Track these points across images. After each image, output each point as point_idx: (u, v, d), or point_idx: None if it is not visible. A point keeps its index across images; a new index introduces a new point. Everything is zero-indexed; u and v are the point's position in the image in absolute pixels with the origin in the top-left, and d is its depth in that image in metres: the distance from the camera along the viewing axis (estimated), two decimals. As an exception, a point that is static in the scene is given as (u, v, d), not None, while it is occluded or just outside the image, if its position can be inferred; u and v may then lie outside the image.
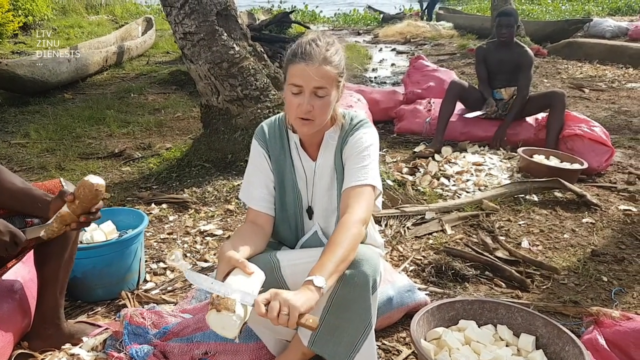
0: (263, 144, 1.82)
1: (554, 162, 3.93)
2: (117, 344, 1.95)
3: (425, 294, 2.34)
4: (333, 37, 1.70)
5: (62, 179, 1.89)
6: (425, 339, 1.91)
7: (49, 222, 1.65)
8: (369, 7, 18.62)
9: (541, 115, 4.52)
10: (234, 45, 3.88)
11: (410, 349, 2.05)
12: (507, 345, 1.89)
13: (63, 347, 1.98)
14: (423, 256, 2.80)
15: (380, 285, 2.08)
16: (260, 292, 1.43)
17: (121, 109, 5.88)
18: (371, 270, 1.55)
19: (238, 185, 3.51)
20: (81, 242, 2.33)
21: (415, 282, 2.51)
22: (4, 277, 1.93)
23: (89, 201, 1.63)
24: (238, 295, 1.36)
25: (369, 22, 15.58)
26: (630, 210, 3.33)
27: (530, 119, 4.57)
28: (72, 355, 1.93)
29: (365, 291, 1.54)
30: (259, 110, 3.89)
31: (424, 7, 15.20)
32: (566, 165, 3.87)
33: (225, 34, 3.86)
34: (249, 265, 1.47)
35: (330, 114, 1.69)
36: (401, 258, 2.79)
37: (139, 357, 1.84)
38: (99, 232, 2.41)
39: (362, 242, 1.62)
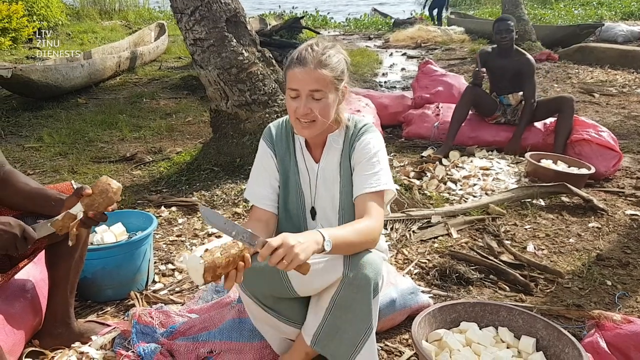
0: (270, 144, 1.87)
1: (561, 166, 3.94)
2: (126, 343, 2.00)
3: (429, 297, 2.37)
4: (334, 42, 1.74)
5: (72, 181, 1.95)
6: (426, 341, 1.93)
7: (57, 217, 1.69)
8: (375, 9, 18.69)
9: (550, 120, 4.53)
10: (243, 51, 3.94)
11: (412, 350, 2.08)
12: (507, 347, 1.92)
13: (73, 345, 2.04)
14: (428, 259, 2.83)
15: (384, 288, 2.12)
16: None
17: (133, 114, 5.97)
18: (373, 273, 1.58)
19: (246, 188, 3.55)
20: (91, 244, 2.39)
21: (419, 285, 2.53)
22: (16, 276, 1.99)
23: (103, 200, 1.66)
24: (247, 235, 1.42)
25: (380, 27, 15.60)
26: (637, 215, 3.33)
27: (538, 124, 4.58)
28: (82, 353, 1.98)
29: (366, 294, 1.58)
30: (267, 115, 3.94)
31: (432, 12, 15.17)
32: (574, 170, 3.88)
33: (235, 40, 3.92)
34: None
35: (333, 116, 1.73)
36: (406, 261, 2.82)
37: (147, 355, 1.89)
38: (109, 234, 2.46)
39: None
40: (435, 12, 15.00)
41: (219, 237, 3.00)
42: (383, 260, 2.04)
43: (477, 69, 4.48)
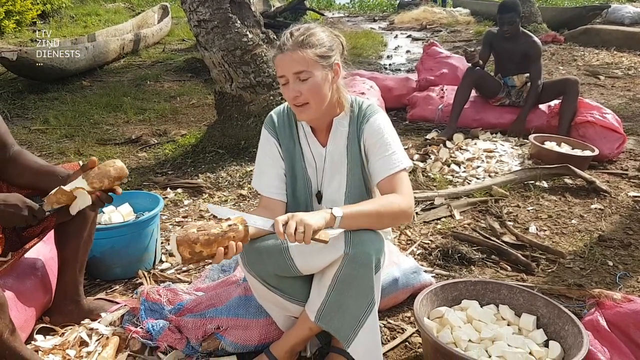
0: (273, 132, 1.89)
1: (565, 149, 3.95)
2: (134, 319, 2.04)
3: (431, 276, 2.40)
4: (317, 25, 1.76)
5: (80, 162, 1.98)
6: (428, 318, 1.97)
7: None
8: None
9: (554, 103, 4.52)
10: (247, 33, 3.94)
11: (414, 327, 2.12)
12: (508, 325, 1.95)
13: (83, 322, 2.08)
14: (431, 240, 2.86)
15: (387, 267, 2.16)
16: None
17: (137, 96, 5.99)
18: (374, 250, 1.61)
19: (251, 170, 3.58)
20: (100, 224, 2.43)
21: (422, 265, 2.57)
22: (27, 255, 2.03)
23: (107, 178, 1.72)
24: (259, 220, 1.51)
25: (385, 8, 15.49)
26: (639, 196, 3.35)
27: (543, 106, 4.57)
28: (92, 329, 2.02)
29: (368, 270, 1.61)
30: (271, 97, 3.95)
31: None
32: (577, 152, 3.88)
33: (239, 22, 3.92)
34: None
35: (328, 95, 1.74)
36: (409, 242, 2.85)
37: (155, 331, 1.93)
38: (117, 214, 2.50)
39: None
40: None
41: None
42: (385, 239, 2.07)
43: (470, 49, 4.43)
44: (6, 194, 1.64)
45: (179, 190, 3.49)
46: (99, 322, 2.07)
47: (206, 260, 1.51)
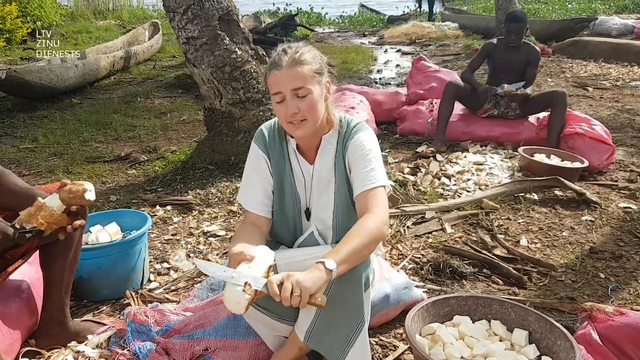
0: (263, 147, 1.88)
1: (555, 160, 3.96)
2: (121, 341, 2.01)
3: (423, 291, 2.38)
4: (306, 44, 1.77)
5: (67, 181, 1.95)
6: (420, 335, 1.95)
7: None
8: (362, 5, 18.72)
9: (543, 115, 4.55)
10: (236, 49, 3.94)
11: (406, 344, 2.10)
12: (500, 340, 1.93)
13: (69, 344, 2.04)
14: (422, 254, 2.84)
15: (378, 283, 2.14)
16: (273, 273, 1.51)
17: (128, 113, 5.97)
18: (363, 266, 1.59)
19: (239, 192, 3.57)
20: (86, 243, 2.40)
21: (414, 280, 2.55)
22: (11, 277, 1.99)
23: (75, 196, 1.75)
24: (250, 280, 1.43)
25: (375, 23, 15.60)
26: (630, 207, 3.35)
27: (532, 118, 4.60)
28: (78, 352, 1.98)
29: (357, 287, 1.59)
30: (261, 113, 3.95)
31: (432, 7, 15.26)
32: (567, 163, 3.89)
33: (228, 38, 3.93)
34: (251, 251, 1.53)
35: (322, 112, 1.74)
36: (400, 256, 2.83)
37: (142, 353, 1.90)
38: (104, 233, 2.47)
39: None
40: (431, 6, 15.10)
41: (216, 235, 3.00)
42: (376, 255, 2.05)
43: (486, 92, 4.51)
44: None
45: (169, 207, 3.46)
46: (85, 344, 2.03)
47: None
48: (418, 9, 15.10)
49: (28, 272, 2.13)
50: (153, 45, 9.53)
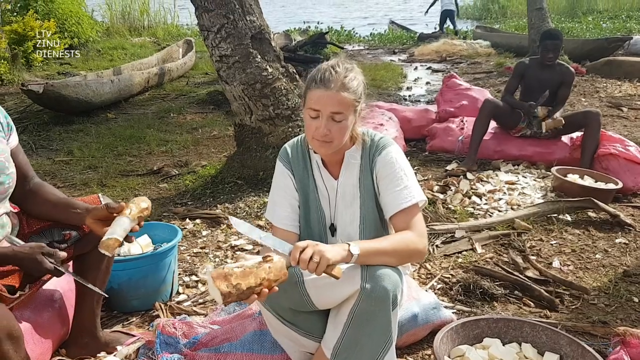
0: (287, 164, 1.90)
1: (588, 181, 3.88)
2: (150, 353, 2.03)
3: (452, 312, 2.35)
4: (352, 62, 1.77)
5: (100, 194, 2.00)
6: (449, 357, 1.92)
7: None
8: (392, 22, 18.77)
9: (576, 135, 4.48)
10: (267, 67, 4.00)
11: (434, 365, 2.06)
12: (531, 364, 1.89)
13: (99, 355, 2.08)
14: (451, 274, 2.81)
15: (406, 302, 2.12)
16: None
17: (161, 128, 6.09)
18: (391, 285, 1.58)
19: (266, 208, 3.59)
20: (118, 255, 2.44)
21: (443, 300, 2.51)
22: (45, 287, 2.04)
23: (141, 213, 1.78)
24: (278, 243, 1.55)
25: (405, 41, 15.61)
26: (667, 231, 3.26)
27: (565, 138, 4.53)
28: (107, 362, 2.01)
29: (385, 306, 1.58)
30: (290, 129, 3.98)
31: (442, 26, 15.33)
32: (601, 185, 3.81)
33: (259, 56, 3.99)
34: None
35: (348, 135, 1.76)
36: (429, 276, 2.80)
37: (169, 365, 1.91)
38: (136, 245, 2.51)
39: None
40: (448, 24, 15.13)
41: (243, 250, 3.02)
42: (404, 274, 2.03)
43: (528, 109, 4.43)
44: (27, 249, 1.64)
45: (198, 220, 3.51)
46: (114, 355, 2.07)
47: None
48: (440, 31, 15.10)
49: (61, 283, 2.17)
50: (186, 62, 9.71)
